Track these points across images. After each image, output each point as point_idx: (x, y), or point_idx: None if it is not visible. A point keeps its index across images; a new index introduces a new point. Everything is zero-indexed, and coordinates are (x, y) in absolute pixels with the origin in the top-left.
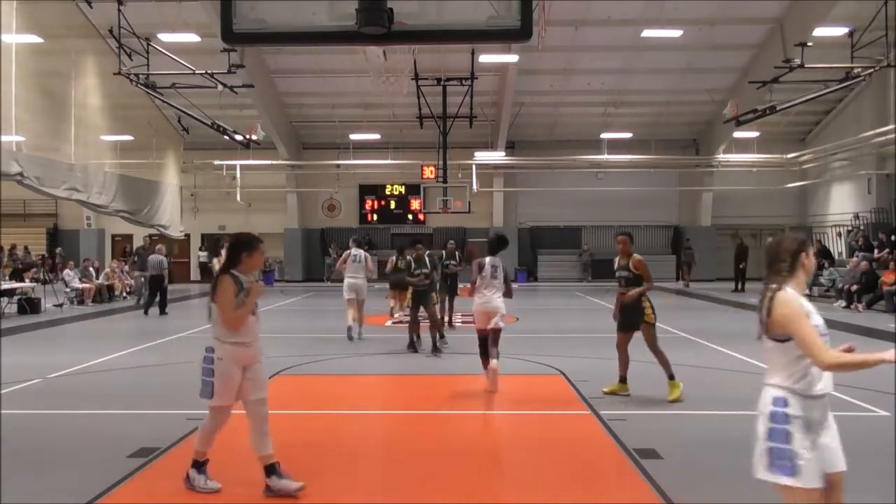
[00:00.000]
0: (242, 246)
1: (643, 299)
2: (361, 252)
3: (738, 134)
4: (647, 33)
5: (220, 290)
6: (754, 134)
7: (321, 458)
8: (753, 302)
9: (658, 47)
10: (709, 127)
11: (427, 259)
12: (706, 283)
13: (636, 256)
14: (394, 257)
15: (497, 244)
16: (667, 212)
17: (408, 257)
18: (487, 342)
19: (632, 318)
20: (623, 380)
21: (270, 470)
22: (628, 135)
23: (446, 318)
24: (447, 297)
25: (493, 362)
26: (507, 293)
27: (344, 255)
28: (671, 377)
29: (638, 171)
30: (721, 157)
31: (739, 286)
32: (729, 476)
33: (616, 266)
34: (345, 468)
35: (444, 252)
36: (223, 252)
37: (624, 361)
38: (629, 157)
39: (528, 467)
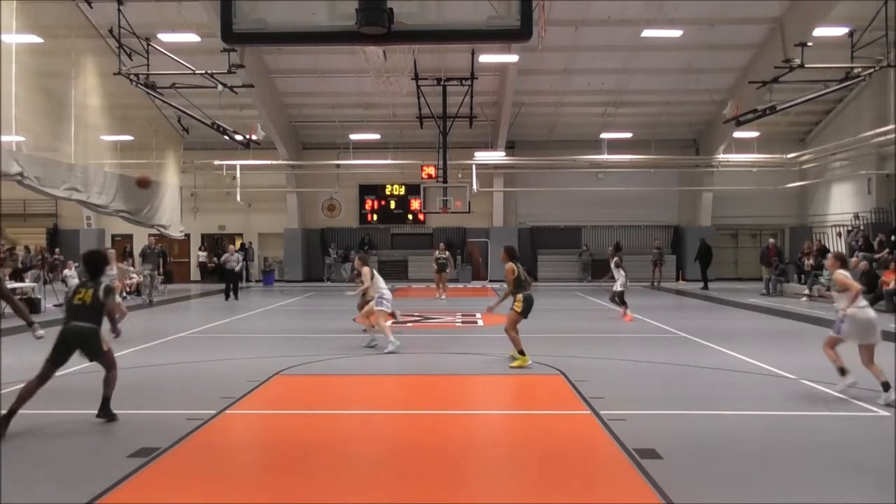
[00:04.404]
0: None
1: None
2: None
3: (738, 134)
4: (647, 33)
5: None
6: (754, 134)
7: (322, 458)
8: (753, 302)
9: (658, 47)
10: (709, 127)
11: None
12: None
13: (506, 266)
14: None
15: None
16: (667, 212)
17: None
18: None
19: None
20: (522, 353)
21: None
22: (628, 135)
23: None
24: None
25: None
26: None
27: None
28: (521, 353)
29: (638, 171)
30: (721, 156)
31: (705, 285)
32: (729, 476)
33: None
34: (344, 468)
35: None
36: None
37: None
38: (629, 157)
39: (527, 467)
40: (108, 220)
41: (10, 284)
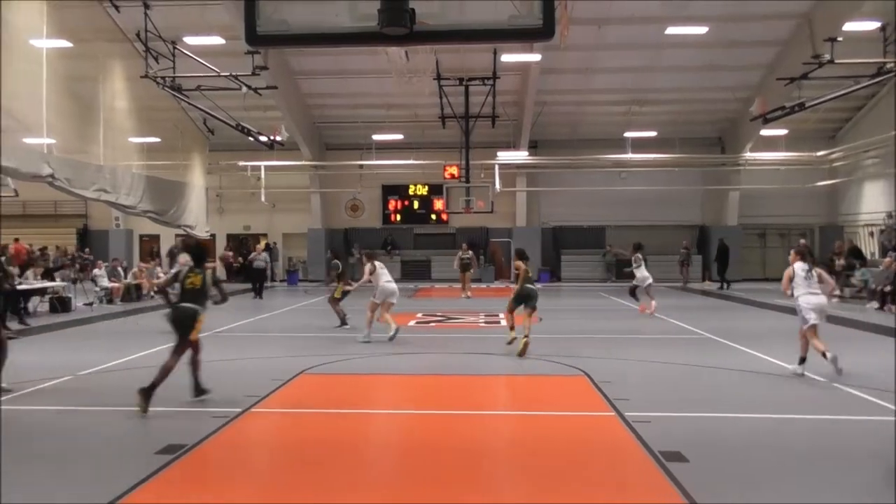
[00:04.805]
0: None
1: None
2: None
3: (765, 132)
4: (671, 30)
5: None
6: (782, 132)
7: (345, 457)
8: (780, 302)
9: (682, 45)
10: (734, 125)
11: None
12: (731, 283)
13: (515, 262)
14: (460, 252)
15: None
16: (692, 211)
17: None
18: None
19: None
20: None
21: None
22: (652, 133)
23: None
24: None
25: None
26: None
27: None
28: (511, 328)
29: (662, 171)
30: (748, 155)
31: (725, 285)
32: (757, 479)
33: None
34: (367, 468)
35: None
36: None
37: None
38: (653, 155)
39: (550, 469)
40: (136, 220)
41: (42, 284)
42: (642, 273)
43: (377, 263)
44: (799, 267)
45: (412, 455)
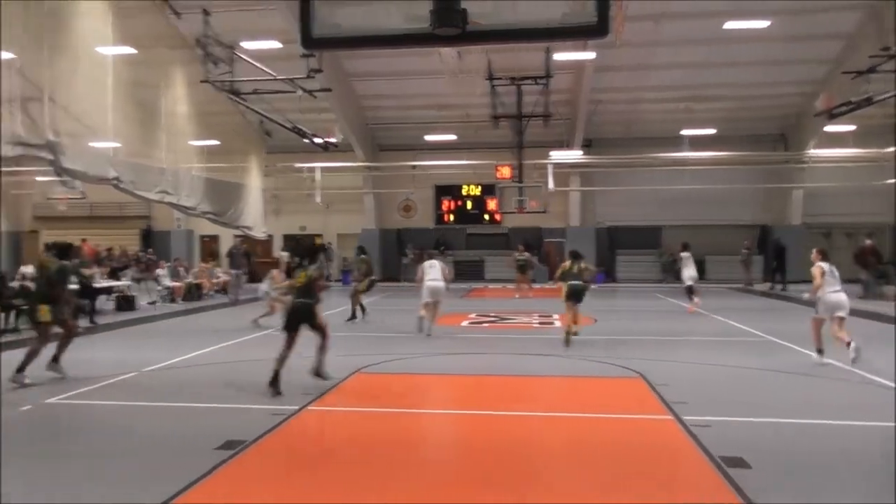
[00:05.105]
0: None
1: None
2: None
3: (829, 128)
4: (731, 25)
5: None
6: (849, 127)
7: (399, 455)
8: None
9: (742, 39)
10: (798, 121)
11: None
12: (796, 283)
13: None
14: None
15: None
16: (753, 210)
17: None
18: None
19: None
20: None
21: None
22: (711, 131)
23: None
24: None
25: None
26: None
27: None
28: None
29: (720, 169)
30: (812, 152)
31: (778, 286)
32: (823, 487)
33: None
34: (421, 466)
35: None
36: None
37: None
38: (712, 153)
39: (607, 472)
40: (196, 221)
41: (107, 283)
42: (689, 272)
43: (426, 264)
44: (825, 265)
45: (468, 455)
